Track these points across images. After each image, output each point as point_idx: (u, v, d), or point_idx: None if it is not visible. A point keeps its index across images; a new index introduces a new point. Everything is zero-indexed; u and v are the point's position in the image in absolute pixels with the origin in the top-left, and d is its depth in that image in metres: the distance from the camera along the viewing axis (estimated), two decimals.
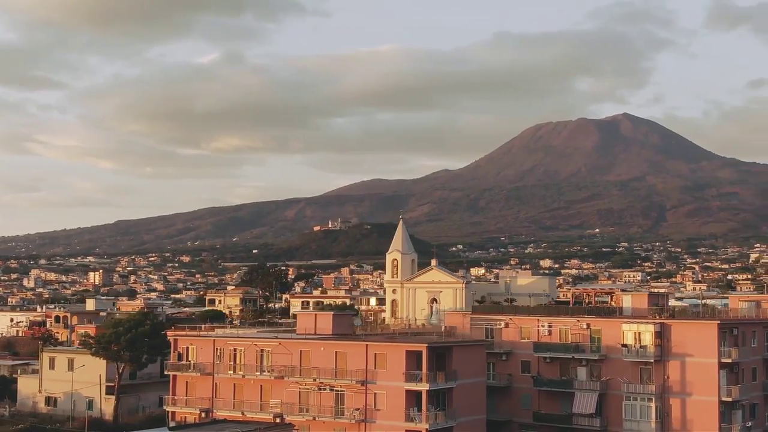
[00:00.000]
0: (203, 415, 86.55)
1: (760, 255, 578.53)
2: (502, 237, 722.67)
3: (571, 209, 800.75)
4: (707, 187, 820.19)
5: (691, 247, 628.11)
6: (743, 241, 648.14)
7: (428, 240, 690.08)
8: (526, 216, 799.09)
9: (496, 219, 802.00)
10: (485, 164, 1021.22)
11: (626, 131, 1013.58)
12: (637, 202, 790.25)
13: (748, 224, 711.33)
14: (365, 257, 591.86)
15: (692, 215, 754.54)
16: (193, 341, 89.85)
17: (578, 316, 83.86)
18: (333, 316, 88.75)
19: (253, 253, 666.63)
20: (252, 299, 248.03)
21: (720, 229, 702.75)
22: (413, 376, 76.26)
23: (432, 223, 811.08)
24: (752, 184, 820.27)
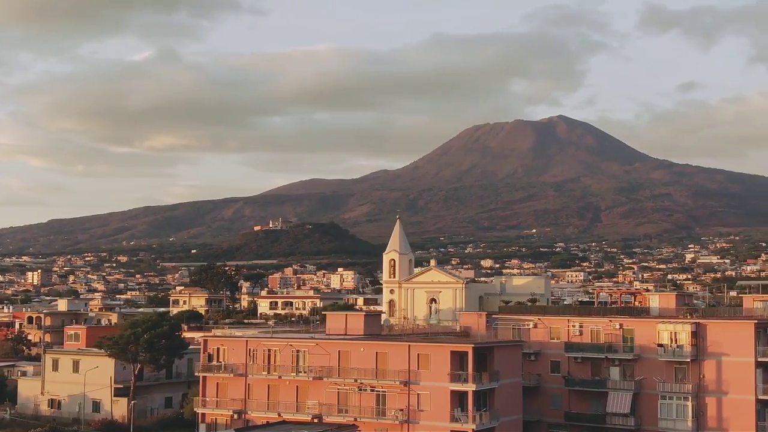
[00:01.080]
0: (235, 417, 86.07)
1: (696, 255, 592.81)
2: (441, 237, 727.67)
3: (508, 210, 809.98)
4: (641, 188, 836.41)
5: (626, 248, 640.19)
6: (677, 241, 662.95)
7: (368, 240, 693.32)
8: (465, 216, 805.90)
9: (434, 219, 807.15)
10: (424, 165, 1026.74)
11: (561, 133, 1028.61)
12: (572, 203, 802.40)
13: (682, 225, 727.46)
14: (307, 257, 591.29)
15: (627, 216, 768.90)
16: (224, 342, 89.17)
17: (611, 317, 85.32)
18: (365, 317, 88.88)
19: (192, 253, 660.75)
20: (218, 299, 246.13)
21: (654, 229, 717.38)
22: (458, 377, 76.86)
23: (372, 223, 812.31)
24: (685, 186, 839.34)
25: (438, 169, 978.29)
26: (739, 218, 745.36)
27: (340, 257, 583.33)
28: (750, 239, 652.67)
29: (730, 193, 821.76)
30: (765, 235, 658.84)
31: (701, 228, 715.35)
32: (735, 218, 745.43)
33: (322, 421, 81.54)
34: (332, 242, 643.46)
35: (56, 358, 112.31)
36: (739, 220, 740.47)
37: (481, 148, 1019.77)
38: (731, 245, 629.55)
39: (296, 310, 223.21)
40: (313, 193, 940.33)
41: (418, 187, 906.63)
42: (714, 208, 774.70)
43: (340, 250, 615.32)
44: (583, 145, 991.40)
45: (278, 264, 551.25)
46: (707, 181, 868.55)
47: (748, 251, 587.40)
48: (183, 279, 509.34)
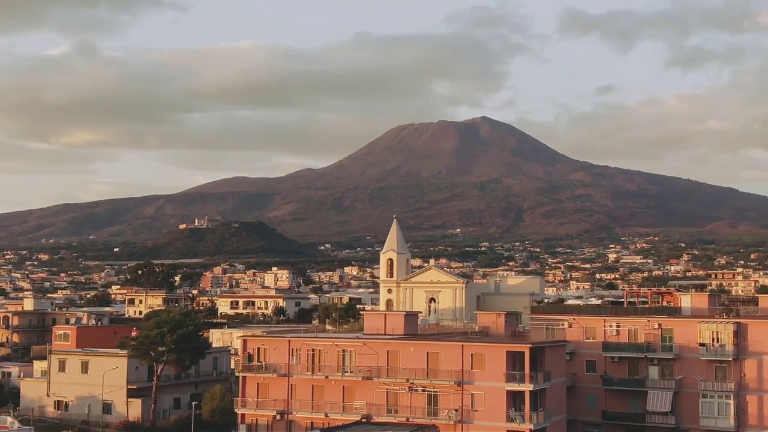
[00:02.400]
0: (277, 417, 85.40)
1: (619, 255, 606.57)
2: (368, 236, 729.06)
3: (433, 209, 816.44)
4: (562, 189, 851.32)
5: (549, 247, 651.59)
6: (598, 241, 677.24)
7: (295, 239, 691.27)
8: (390, 215, 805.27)
9: (360, 218, 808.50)
10: (349, 164, 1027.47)
11: (484, 134, 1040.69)
12: (495, 203, 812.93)
13: (602, 225, 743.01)
14: (235, 256, 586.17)
15: (548, 216, 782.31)
16: (265, 342, 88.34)
17: (649, 316, 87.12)
18: (405, 316, 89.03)
19: (115, 251, 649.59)
20: (175, 299, 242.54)
21: (575, 229, 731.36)
22: (513, 377, 77.64)
23: (297, 222, 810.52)
24: (604, 187, 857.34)
25: (363, 169, 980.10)
26: (658, 219, 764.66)
27: (269, 256, 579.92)
28: (669, 239, 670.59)
29: (649, 194, 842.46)
30: (683, 236, 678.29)
31: (621, 228, 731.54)
32: (653, 219, 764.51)
33: (371, 421, 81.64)
34: (259, 241, 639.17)
35: (63, 359, 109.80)
36: (658, 220, 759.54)
37: (405, 147, 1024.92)
38: (651, 245, 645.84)
39: (258, 309, 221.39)
40: (236, 192, 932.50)
41: (344, 186, 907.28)
42: (633, 208, 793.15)
43: (268, 249, 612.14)
44: (506, 146, 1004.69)
45: (204, 263, 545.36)
46: (626, 182, 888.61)
47: (669, 251, 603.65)
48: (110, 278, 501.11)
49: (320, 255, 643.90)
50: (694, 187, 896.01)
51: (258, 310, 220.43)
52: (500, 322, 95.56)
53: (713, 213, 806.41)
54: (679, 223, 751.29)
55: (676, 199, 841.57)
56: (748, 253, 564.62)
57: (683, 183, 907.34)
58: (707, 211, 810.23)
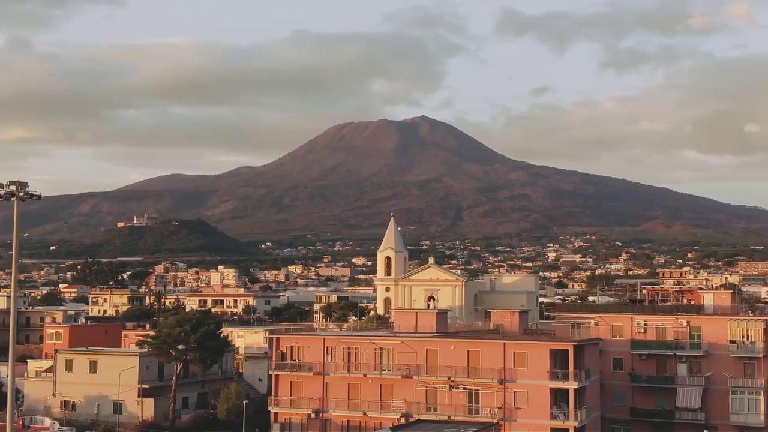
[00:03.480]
0: (312, 416, 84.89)
1: (558, 254, 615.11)
2: (308, 235, 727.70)
3: (373, 208, 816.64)
4: (500, 188, 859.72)
5: (489, 246, 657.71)
6: (537, 240, 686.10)
7: (235, 237, 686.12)
8: (331, 214, 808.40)
9: (301, 217, 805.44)
10: (289, 162, 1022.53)
11: (424, 133, 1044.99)
12: (435, 202, 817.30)
13: (540, 225, 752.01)
14: (174, 254, 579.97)
15: (487, 215, 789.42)
16: (299, 340, 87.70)
17: (677, 314, 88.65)
18: (437, 315, 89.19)
19: (52, 249, 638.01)
20: (139, 298, 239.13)
21: (514, 228, 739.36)
22: (557, 374, 78.35)
23: (237, 220, 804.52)
24: (542, 187, 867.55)
25: (303, 167, 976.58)
26: (594, 218, 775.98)
27: (209, 255, 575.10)
28: (606, 239, 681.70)
29: (585, 194, 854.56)
30: (619, 235, 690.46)
31: (558, 227, 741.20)
32: (590, 218, 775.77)
33: (410, 420, 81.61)
34: (200, 239, 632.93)
35: (70, 359, 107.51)
36: (594, 220, 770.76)
37: (346, 146, 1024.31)
38: (588, 244, 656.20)
39: (228, 308, 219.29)
40: (174, 189, 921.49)
41: (284, 184, 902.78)
42: (570, 208, 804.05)
43: (209, 248, 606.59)
44: (445, 146, 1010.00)
45: (145, 261, 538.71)
46: (563, 182, 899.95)
47: (606, 250, 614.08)
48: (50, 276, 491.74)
49: (261, 254, 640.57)
50: (629, 187, 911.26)
51: (227, 308, 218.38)
52: (514, 320, 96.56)
53: (648, 213, 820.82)
54: (615, 222, 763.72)
55: (612, 199, 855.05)
56: (685, 252, 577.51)
57: (618, 183, 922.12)
58: (642, 210, 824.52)
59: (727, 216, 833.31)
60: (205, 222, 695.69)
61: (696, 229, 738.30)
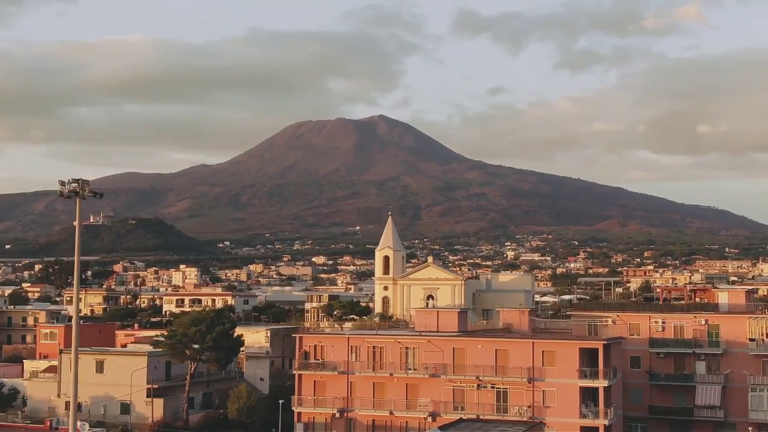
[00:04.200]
0: (337, 415, 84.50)
1: (517, 253, 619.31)
2: (267, 234, 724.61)
3: (332, 207, 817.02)
4: (458, 187, 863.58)
5: (448, 245, 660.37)
6: (494, 239, 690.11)
7: (192, 236, 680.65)
8: (289, 213, 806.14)
9: (259, 215, 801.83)
10: (246, 160, 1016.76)
11: (382, 132, 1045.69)
12: (394, 201, 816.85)
13: (497, 223, 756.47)
14: (132, 253, 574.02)
15: (445, 214, 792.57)
16: (323, 339, 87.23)
17: (695, 313, 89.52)
18: (458, 314, 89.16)
19: (6, 248, 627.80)
20: (114, 297, 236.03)
21: (472, 227, 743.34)
22: (586, 373, 78.73)
23: (193, 219, 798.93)
24: (499, 186, 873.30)
25: (261, 165, 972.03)
26: (550, 217, 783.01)
27: (167, 254, 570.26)
28: (562, 238, 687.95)
29: (541, 194, 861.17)
30: (575, 234, 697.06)
31: (515, 226, 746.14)
32: (546, 217, 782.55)
33: (436, 419, 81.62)
34: (157, 238, 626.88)
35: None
36: (550, 219, 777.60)
37: (303, 145, 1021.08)
38: (546, 243, 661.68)
39: (206, 308, 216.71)
40: (129, 188, 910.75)
41: (241, 182, 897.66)
42: (527, 207, 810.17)
43: (167, 247, 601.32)
44: (403, 145, 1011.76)
45: (102, 260, 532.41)
46: (519, 181, 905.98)
47: (564, 249, 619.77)
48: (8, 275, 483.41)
49: (220, 253, 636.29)
50: (584, 187, 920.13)
51: (206, 308, 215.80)
52: (524, 319, 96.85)
53: (603, 212, 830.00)
54: (571, 221, 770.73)
55: (568, 198, 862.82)
56: (641, 251, 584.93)
57: (574, 183, 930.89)
58: (597, 210, 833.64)
59: (681, 215, 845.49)
60: (162, 221, 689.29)
61: (651, 229, 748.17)
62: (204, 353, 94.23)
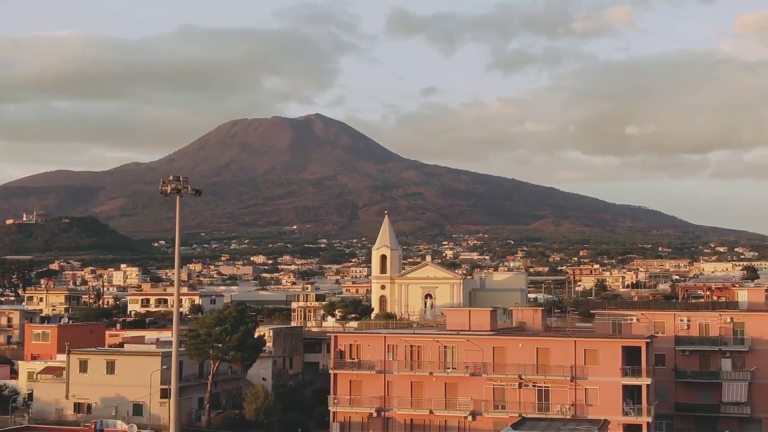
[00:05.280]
0: (374, 414, 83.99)
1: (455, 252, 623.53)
2: (202, 233, 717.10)
3: (268, 206, 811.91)
4: (395, 187, 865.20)
5: None
6: (431, 238, 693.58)
7: (127, 235, 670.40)
8: (225, 212, 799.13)
9: (193, 214, 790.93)
10: (179, 158, 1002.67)
11: (318, 131, 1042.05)
12: (331, 200, 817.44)
13: (434, 223, 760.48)
14: (66, 253, 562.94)
15: (382, 213, 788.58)
16: (359, 338, 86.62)
17: (720, 311, 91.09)
18: (491, 313, 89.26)
19: None
20: (76, 297, 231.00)
21: (409, 227, 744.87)
22: (628, 371, 79.50)
23: (126, 218, 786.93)
24: (435, 186, 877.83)
25: (195, 164, 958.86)
26: (485, 217, 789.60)
27: (102, 253, 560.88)
28: (498, 237, 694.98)
29: (476, 194, 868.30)
30: (511, 233, 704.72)
31: (452, 226, 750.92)
32: (482, 217, 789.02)
33: (477, 418, 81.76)
34: (92, 237, 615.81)
35: (84, 359, 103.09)
36: (486, 218, 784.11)
37: (239, 143, 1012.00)
38: (482, 242, 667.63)
39: (171, 307, 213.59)
40: (60, 186, 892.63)
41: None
42: (462, 207, 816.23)
43: (101, 246, 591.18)
44: (339, 144, 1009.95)
45: (36, 260, 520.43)
46: (454, 181, 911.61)
47: (501, 248, 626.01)
48: None
49: (156, 252, 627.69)
50: (518, 187, 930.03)
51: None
52: (537, 318, 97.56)
53: (536, 212, 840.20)
54: (506, 221, 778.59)
55: (502, 198, 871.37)
56: (577, 250, 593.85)
57: (508, 182, 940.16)
58: (531, 209, 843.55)
59: (613, 215, 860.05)
60: (96, 219, 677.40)
61: (584, 228, 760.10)
62: (229, 353, 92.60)
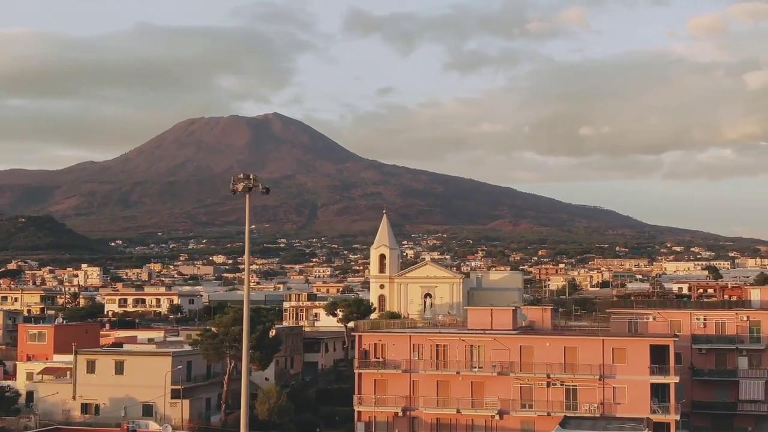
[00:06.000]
0: (400, 414, 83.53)
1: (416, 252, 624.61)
2: (159, 232, 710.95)
3: (226, 205, 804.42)
4: (353, 186, 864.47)
5: (346, 244, 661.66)
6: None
7: (83, 234, 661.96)
8: (182, 211, 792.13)
9: (150, 213, 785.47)
10: (135, 157, 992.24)
11: (277, 130, 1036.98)
12: (289, 200, 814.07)
13: (393, 223, 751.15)
14: (23, 252, 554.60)
15: (342, 213, 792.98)
16: (383, 338, 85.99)
17: (737, 310, 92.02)
18: (512, 312, 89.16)
19: None
20: (51, 297, 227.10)
21: (368, 226, 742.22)
22: (655, 369, 79.92)
23: (82, 217, 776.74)
24: (393, 185, 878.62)
25: (151, 162, 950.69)
26: (444, 216, 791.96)
27: (60, 253, 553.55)
28: (457, 236, 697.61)
29: (435, 193, 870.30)
30: (470, 233, 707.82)
31: (411, 225, 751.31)
32: (440, 216, 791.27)
33: (504, 417, 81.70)
34: (48, 236, 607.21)
35: (92, 359, 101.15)
36: (444, 218, 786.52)
37: (195, 142, 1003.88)
38: (441, 242, 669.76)
39: (150, 307, 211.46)
40: (14, 185, 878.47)
41: (131, 180, 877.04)
42: (421, 207, 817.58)
43: (58, 245, 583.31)
44: (298, 143, 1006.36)
45: None
46: (413, 181, 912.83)
47: (460, 248, 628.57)
48: None
49: (113, 251, 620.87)
50: (475, 187, 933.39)
51: (150, 308, 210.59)
52: (546, 317, 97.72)
53: (494, 212, 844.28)
54: (465, 221, 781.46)
55: (460, 198, 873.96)
56: (535, 249, 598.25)
57: (466, 182, 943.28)
58: (489, 209, 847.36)
59: (569, 215, 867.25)
60: (52, 219, 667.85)
61: (541, 228, 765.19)
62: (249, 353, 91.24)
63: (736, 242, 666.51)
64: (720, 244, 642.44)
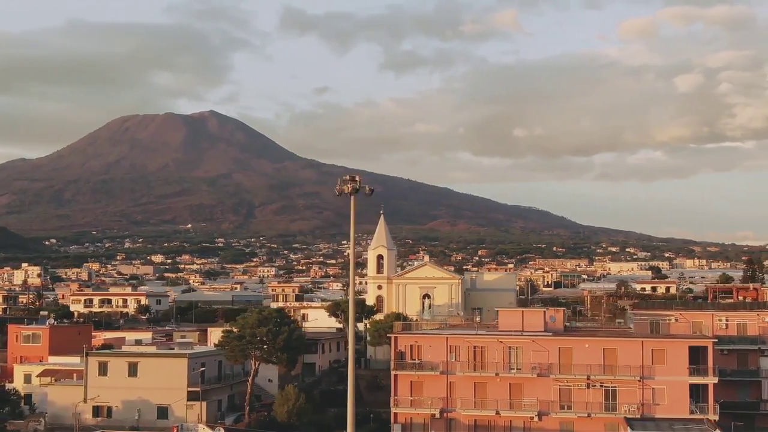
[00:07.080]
0: (437, 415, 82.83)
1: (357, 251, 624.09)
2: (93, 231, 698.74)
3: (161, 204, 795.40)
4: (291, 186, 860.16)
5: (285, 243, 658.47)
6: (330, 237, 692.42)
7: (17, 232, 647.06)
8: (116, 210, 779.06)
9: (83, 212, 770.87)
10: (68, 155, 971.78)
11: (213, 128, 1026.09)
12: (226, 199, 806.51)
13: (332, 222, 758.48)
14: None
15: (280, 213, 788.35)
16: (419, 339, 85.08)
17: (758, 311, 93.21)
18: (544, 313, 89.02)
19: None
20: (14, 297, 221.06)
21: (307, 226, 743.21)
22: (694, 370, 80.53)
23: (14, 215, 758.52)
24: (331, 185, 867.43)
25: (84, 160, 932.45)
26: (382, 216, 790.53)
27: None
28: (396, 236, 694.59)
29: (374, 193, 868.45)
30: (408, 233, 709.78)
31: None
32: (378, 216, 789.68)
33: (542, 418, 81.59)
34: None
35: (104, 361, 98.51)
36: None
37: (130, 139, 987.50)
38: None
39: (117, 308, 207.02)
40: None
41: (64, 178, 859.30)
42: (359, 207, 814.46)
43: None
44: (234, 142, 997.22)
45: None
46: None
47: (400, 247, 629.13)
48: None
49: (47, 250, 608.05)
50: (413, 187, 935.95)
51: (117, 308, 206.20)
52: (558, 318, 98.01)
53: (432, 212, 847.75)
54: (403, 221, 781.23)
55: (398, 198, 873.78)
56: (475, 249, 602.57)
57: (403, 183, 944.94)
58: (427, 209, 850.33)
59: (506, 215, 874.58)
60: None
61: (479, 228, 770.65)
62: (275, 354, 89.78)
63: (669, 243, 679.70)
64: (654, 245, 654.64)
